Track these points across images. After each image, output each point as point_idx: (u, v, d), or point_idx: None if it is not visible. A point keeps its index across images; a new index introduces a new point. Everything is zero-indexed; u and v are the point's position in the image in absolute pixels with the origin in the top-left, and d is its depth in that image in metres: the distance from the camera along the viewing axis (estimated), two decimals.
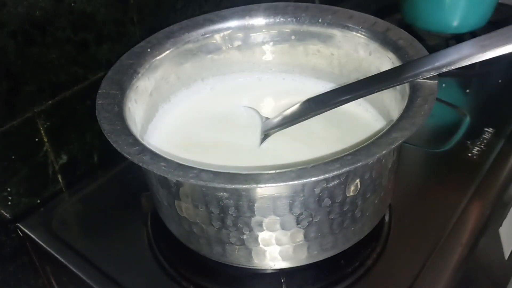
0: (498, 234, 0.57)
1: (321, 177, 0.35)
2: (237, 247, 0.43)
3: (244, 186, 0.35)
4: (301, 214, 0.40)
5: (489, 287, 0.59)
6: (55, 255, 0.52)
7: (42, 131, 0.56)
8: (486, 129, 0.63)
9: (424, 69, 0.42)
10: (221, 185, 0.35)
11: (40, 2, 0.50)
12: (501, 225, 0.58)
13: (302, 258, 0.44)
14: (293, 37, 0.56)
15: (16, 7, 0.48)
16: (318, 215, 0.41)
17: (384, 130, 0.39)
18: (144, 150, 0.38)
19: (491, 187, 0.56)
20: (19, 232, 0.56)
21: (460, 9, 0.76)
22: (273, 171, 0.35)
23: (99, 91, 0.45)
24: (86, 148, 0.62)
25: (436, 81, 0.42)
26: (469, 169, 0.58)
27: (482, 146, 0.60)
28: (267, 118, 0.52)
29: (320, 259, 0.45)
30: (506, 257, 0.59)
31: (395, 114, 0.47)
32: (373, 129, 0.50)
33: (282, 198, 0.39)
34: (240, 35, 0.56)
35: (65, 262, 0.51)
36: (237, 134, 0.52)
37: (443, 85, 0.41)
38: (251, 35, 0.56)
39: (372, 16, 0.52)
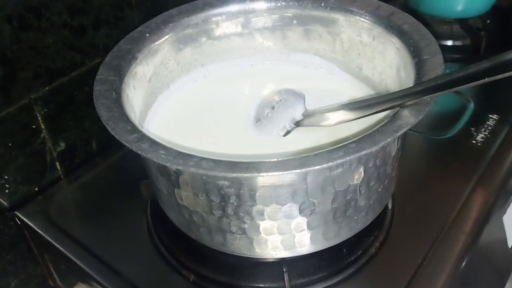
0: (502, 222, 0.56)
1: (325, 165, 0.34)
2: (238, 236, 0.42)
3: (246, 174, 0.34)
4: (303, 202, 0.39)
5: (492, 276, 0.58)
6: (54, 243, 0.52)
7: (39, 118, 0.55)
8: (490, 115, 0.62)
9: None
10: (222, 174, 0.34)
11: None
12: (505, 213, 0.57)
13: (304, 247, 0.44)
14: (295, 21, 0.55)
15: None
16: (321, 204, 0.40)
17: (389, 117, 0.38)
18: (143, 137, 0.38)
19: (495, 174, 0.55)
20: (17, 220, 0.56)
21: None
22: (275, 159, 0.34)
23: (96, 77, 0.44)
24: (84, 135, 0.61)
25: (442, 66, 0.41)
26: (473, 156, 0.57)
27: (487, 133, 0.60)
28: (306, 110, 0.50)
29: (323, 248, 0.45)
30: (510, 246, 0.59)
31: None
32: (376, 115, 0.49)
33: (284, 186, 0.38)
34: (241, 19, 0.55)
35: (64, 251, 0.51)
36: (238, 122, 0.51)
37: (447, 70, 0.40)
38: (252, 19, 0.55)
39: (376, 0, 0.51)
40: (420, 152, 0.60)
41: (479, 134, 0.60)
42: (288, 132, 0.48)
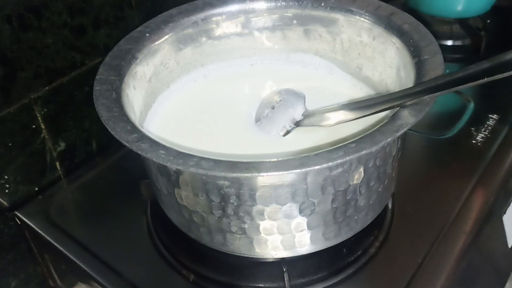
0: (502, 222, 0.56)
1: (325, 165, 0.34)
2: (238, 236, 0.42)
3: (246, 174, 0.34)
4: (303, 202, 0.39)
5: (492, 276, 0.58)
6: (54, 243, 0.51)
7: (39, 118, 0.55)
8: (490, 115, 0.62)
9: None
10: (222, 174, 0.34)
11: None
12: (505, 213, 0.57)
13: (304, 247, 0.44)
14: (295, 21, 0.55)
15: None
16: (321, 204, 0.40)
17: (389, 117, 0.38)
18: (143, 137, 0.38)
19: (495, 174, 0.55)
20: (17, 220, 0.55)
21: None
22: (275, 159, 0.34)
23: (96, 77, 0.44)
24: (84, 135, 0.61)
25: (442, 66, 0.41)
26: (473, 156, 0.57)
27: (486, 133, 0.60)
28: (307, 110, 0.50)
29: (323, 248, 0.45)
30: (510, 245, 0.59)
31: None
32: (376, 115, 0.49)
33: (284, 186, 0.38)
34: (241, 19, 0.55)
35: (64, 251, 0.51)
36: (238, 122, 0.51)
37: (447, 70, 0.40)
38: (252, 19, 0.55)
39: (376, 0, 0.51)
40: (420, 152, 0.60)
41: (479, 134, 0.60)
42: (288, 132, 0.48)
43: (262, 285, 0.46)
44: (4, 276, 0.58)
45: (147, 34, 0.50)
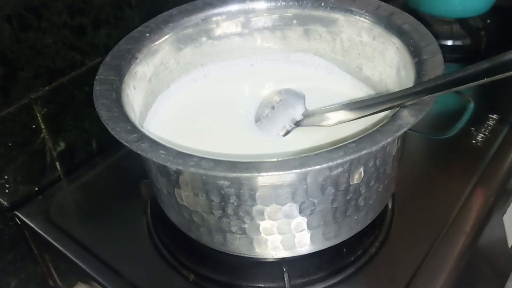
0: (502, 222, 0.56)
1: (325, 165, 0.34)
2: (238, 236, 0.42)
3: (246, 174, 0.34)
4: (303, 202, 0.39)
5: (492, 276, 0.58)
6: (54, 243, 0.51)
7: (39, 118, 0.55)
8: (490, 115, 0.62)
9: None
10: (222, 174, 0.34)
11: None
12: (505, 213, 0.57)
13: (304, 247, 0.44)
14: (295, 21, 0.55)
15: None
16: (321, 204, 0.40)
17: (389, 117, 0.38)
18: (143, 137, 0.38)
19: (495, 174, 0.55)
20: (17, 220, 0.55)
21: None
22: (275, 159, 0.34)
23: (96, 77, 0.44)
24: (84, 135, 0.61)
25: (442, 66, 0.41)
26: (473, 156, 0.57)
27: (486, 133, 0.60)
28: (307, 110, 0.50)
29: (323, 248, 0.45)
30: (510, 245, 0.59)
31: None
32: (376, 115, 0.49)
33: (284, 186, 0.38)
34: (241, 19, 0.55)
35: (64, 251, 0.51)
36: (238, 122, 0.51)
37: (447, 70, 0.40)
38: (252, 19, 0.55)
39: (376, 0, 0.51)
40: (420, 152, 0.60)
41: (479, 134, 0.60)
42: (288, 132, 0.48)
43: (262, 285, 0.46)
44: (4, 276, 0.58)
45: (147, 34, 0.50)
